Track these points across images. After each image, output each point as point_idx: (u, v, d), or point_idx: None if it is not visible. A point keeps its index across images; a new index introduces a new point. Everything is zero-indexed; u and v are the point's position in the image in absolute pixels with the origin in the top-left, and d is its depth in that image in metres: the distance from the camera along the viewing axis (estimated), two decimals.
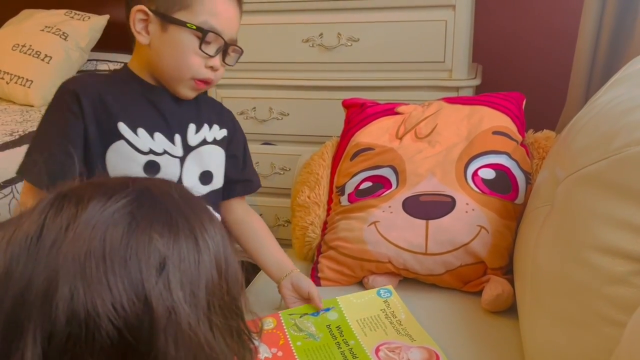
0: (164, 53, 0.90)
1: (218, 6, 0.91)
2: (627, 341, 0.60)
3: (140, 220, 0.40)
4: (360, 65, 1.49)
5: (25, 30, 1.91)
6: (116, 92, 0.91)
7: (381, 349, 0.88)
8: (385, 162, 1.17)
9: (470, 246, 1.03)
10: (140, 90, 0.94)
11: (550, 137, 1.21)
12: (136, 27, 0.90)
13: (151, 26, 0.89)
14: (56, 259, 0.38)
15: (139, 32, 0.90)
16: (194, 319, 0.39)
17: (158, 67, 0.92)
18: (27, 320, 0.37)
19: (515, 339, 0.91)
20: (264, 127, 1.61)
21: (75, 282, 0.37)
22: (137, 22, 0.90)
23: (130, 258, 0.38)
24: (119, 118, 0.89)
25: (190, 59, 0.90)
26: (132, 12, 0.89)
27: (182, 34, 0.89)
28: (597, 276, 0.68)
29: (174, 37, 0.89)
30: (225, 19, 0.92)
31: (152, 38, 0.90)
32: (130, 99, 0.92)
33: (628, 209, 0.67)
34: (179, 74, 0.91)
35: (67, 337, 0.37)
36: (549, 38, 1.67)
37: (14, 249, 0.39)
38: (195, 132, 0.98)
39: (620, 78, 0.96)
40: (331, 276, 1.11)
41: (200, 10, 0.89)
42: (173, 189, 0.45)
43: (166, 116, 0.94)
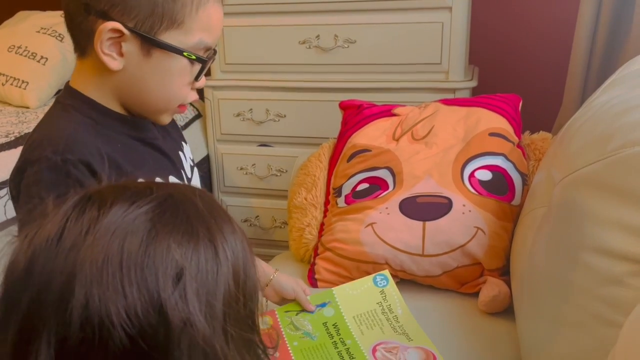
0: (147, 81, 0.72)
1: (212, 18, 0.73)
2: (623, 341, 0.60)
3: (160, 229, 0.40)
4: (357, 67, 1.49)
5: (21, 31, 1.91)
6: (114, 142, 0.74)
7: (378, 349, 0.88)
8: (382, 164, 1.17)
9: (467, 247, 1.03)
10: (126, 130, 0.76)
11: (546, 138, 1.21)
12: (103, 48, 0.69)
13: (126, 46, 0.69)
14: (74, 263, 0.38)
15: (108, 54, 0.69)
16: (210, 331, 0.39)
17: (135, 96, 0.74)
18: (42, 321, 0.37)
19: (512, 340, 0.91)
20: (261, 128, 1.61)
21: (92, 288, 0.37)
22: (105, 41, 0.68)
23: (147, 267, 0.38)
24: (137, 173, 0.74)
25: (182, 87, 0.74)
26: (100, 30, 0.68)
27: (172, 61, 0.71)
28: (593, 277, 0.68)
29: (161, 64, 0.71)
30: (218, 28, 0.75)
31: (129, 63, 0.70)
32: (129, 146, 0.76)
33: (624, 210, 0.67)
34: (166, 104, 0.75)
35: (80, 342, 0.37)
36: (545, 40, 1.68)
37: (35, 249, 0.39)
38: (185, 160, 0.86)
39: (616, 80, 0.96)
40: (328, 277, 1.11)
41: (194, 27, 0.71)
42: (197, 197, 0.44)
43: (168, 154, 0.81)
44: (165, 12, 0.69)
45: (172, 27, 0.70)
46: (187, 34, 0.71)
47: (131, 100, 0.75)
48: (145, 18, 0.68)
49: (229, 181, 1.70)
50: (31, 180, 0.68)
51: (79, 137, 0.71)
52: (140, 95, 0.74)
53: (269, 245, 1.67)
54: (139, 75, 0.72)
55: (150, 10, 0.68)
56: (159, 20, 0.69)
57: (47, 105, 1.80)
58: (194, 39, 0.71)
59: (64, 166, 0.67)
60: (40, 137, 0.72)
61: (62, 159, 0.67)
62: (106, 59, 0.70)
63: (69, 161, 0.68)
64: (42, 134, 0.73)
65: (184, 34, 0.70)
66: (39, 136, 0.73)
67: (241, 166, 1.66)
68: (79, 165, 0.68)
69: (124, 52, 0.70)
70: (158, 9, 0.69)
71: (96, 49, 0.69)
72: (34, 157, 0.69)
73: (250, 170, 1.66)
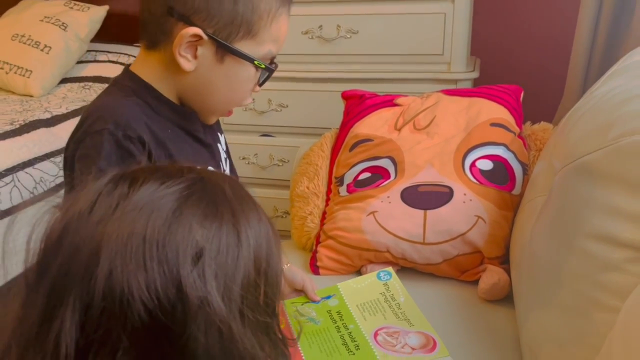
0: (215, 84, 0.75)
1: (282, 30, 0.77)
2: (621, 325, 0.61)
3: (185, 209, 0.41)
4: (359, 58, 1.49)
5: (25, 20, 1.91)
6: (164, 129, 0.77)
7: (380, 333, 0.89)
8: (383, 153, 1.18)
9: (468, 236, 1.05)
10: (176, 120, 0.79)
11: (547, 129, 1.22)
12: (180, 50, 0.72)
13: (202, 50, 0.73)
14: (101, 235, 0.39)
15: (184, 56, 0.72)
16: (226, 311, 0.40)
17: (199, 96, 0.77)
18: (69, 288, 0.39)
19: (512, 327, 0.92)
20: (263, 118, 1.62)
21: (115, 260, 0.38)
22: (185, 44, 0.72)
23: (169, 244, 0.39)
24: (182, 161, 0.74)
25: (245, 92, 0.78)
26: (182, 34, 0.71)
27: (242, 68, 0.75)
28: (592, 264, 0.69)
29: (232, 70, 0.75)
30: (284, 39, 0.79)
31: (201, 66, 0.74)
32: (177, 134, 0.78)
33: (623, 198, 0.68)
34: (225, 106, 0.80)
35: (101, 311, 0.38)
36: (547, 31, 1.68)
37: (67, 221, 0.41)
38: (220, 153, 0.88)
39: (618, 70, 0.97)
40: (330, 265, 1.12)
41: (266, 38, 0.74)
42: (226, 183, 0.45)
43: (210, 147, 0.84)
44: (243, 22, 0.73)
45: (247, 37, 0.73)
46: (259, 44, 0.74)
47: (193, 98, 0.78)
48: (224, 26, 0.72)
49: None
50: (91, 150, 0.70)
51: (138, 117, 0.73)
52: (204, 96, 0.77)
53: None
54: (209, 78, 0.75)
55: (231, 20, 0.72)
56: (236, 30, 0.72)
57: (51, 94, 1.81)
58: (265, 49, 0.75)
59: (124, 141, 0.70)
60: (101, 111, 0.74)
61: (123, 134, 0.70)
62: (181, 60, 0.73)
63: (129, 137, 0.70)
64: (103, 108, 0.75)
65: (257, 44, 0.74)
66: (99, 110, 0.75)
67: (243, 156, 1.67)
68: (137, 143, 0.71)
69: (199, 55, 0.73)
70: (237, 19, 0.72)
71: (174, 51, 0.72)
72: (95, 128, 0.71)
73: (252, 160, 1.67)
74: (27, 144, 1.41)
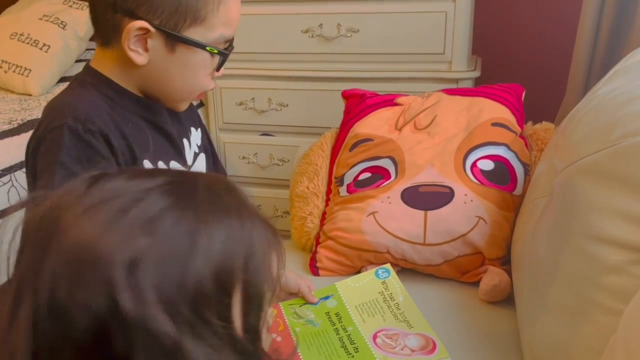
0: (171, 74, 0.76)
1: (232, 12, 0.76)
2: (623, 329, 0.60)
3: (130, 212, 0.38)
4: (359, 57, 1.49)
5: (24, 18, 1.90)
6: (126, 121, 0.76)
7: (379, 335, 0.89)
8: (384, 153, 1.17)
9: (469, 237, 1.04)
10: (139, 111, 0.78)
11: (549, 129, 1.21)
12: (130, 45, 0.72)
13: (152, 42, 0.73)
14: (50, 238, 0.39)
15: (134, 50, 0.73)
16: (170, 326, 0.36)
17: (158, 86, 0.77)
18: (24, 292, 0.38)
19: (513, 329, 0.92)
20: (263, 118, 1.61)
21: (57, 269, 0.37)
22: (132, 38, 0.72)
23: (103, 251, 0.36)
24: (143, 155, 0.76)
25: (203, 78, 0.78)
26: (129, 29, 0.71)
27: (195, 55, 0.74)
28: (594, 266, 0.69)
29: (185, 58, 0.74)
30: (236, 21, 0.78)
31: (153, 57, 0.74)
32: (138, 127, 0.78)
33: (626, 199, 0.67)
34: (187, 94, 0.79)
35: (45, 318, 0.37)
36: (549, 30, 1.67)
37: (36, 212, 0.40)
38: (189, 147, 0.87)
39: (620, 70, 0.96)
40: (330, 266, 1.12)
41: (216, 22, 0.74)
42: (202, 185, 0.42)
43: (174, 139, 0.83)
44: (188, 9, 0.72)
45: (195, 24, 0.73)
46: (209, 29, 0.74)
47: (153, 90, 0.78)
48: (170, 15, 0.72)
49: (231, 170, 1.71)
50: (52, 145, 0.70)
51: (98, 110, 0.74)
52: (163, 87, 0.77)
53: None
54: (164, 69, 0.75)
55: (175, 8, 0.72)
56: (182, 18, 0.72)
57: (50, 92, 1.81)
58: (216, 33, 0.75)
59: (85, 135, 0.70)
60: (61, 106, 0.75)
61: (83, 127, 0.70)
62: (132, 55, 0.73)
63: (90, 131, 0.70)
64: (62, 104, 0.76)
65: (207, 29, 0.74)
66: (59, 106, 0.75)
67: (243, 155, 1.66)
68: (98, 136, 0.71)
69: (149, 47, 0.73)
70: (182, 7, 0.72)
71: (123, 46, 0.72)
72: (55, 124, 0.71)
73: (252, 160, 1.66)
74: (25, 144, 1.40)
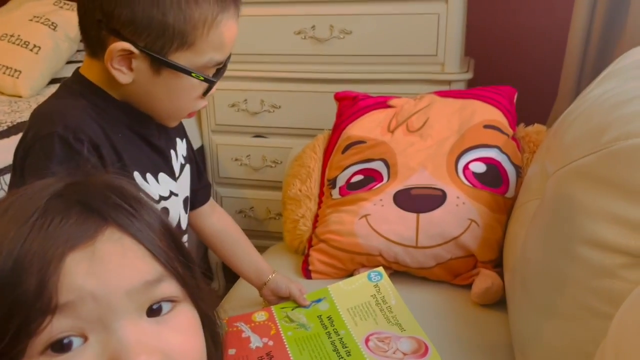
0: (156, 96, 0.74)
1: (224, 36, 0.72)
2: (614, 333, 0.60)
3: None
4: (352, 58, 1.48)
5: (14, 19, 1.89)
6: (116, 132, 0.74)
7: (371, 338, 0.88)
8: (376, 156, 1.17)
9: (461, 239, 1.04)
10: (128, 123, 0.77)
11: (541, 131, 1.21)
12: (113, 64, 0.70)
13: (136, 63, 0.70)
14: None
15: (118, 69, 0.70)
16: None
17: (144, 104, 0.76)
18: None
19: (504, 332, 0.92)
20: (256, 119, 1.60)
21: None
22: (116, 57, 0.69)
23: None
24: (133, 167, 0.75)
25: (191, 102, 0.76)
26: (111, 50, 0.69)
27: (181, 80, 0.72)
28: (586, 269, 0.69)
29: (170, 82, 0.72)
30: (230, 44, 0.74)
31: (138, 77, 0.72)
32: (128, 138, 0.76)
33: (617, 203, 0.67)
34: (175, 115, 0.78)
35: None
36: (541, 32, 1.68)
37: None
38: (176, 159, 0.86)
39: (611, 72, 0.96)
40: (322, 269, 1.11)
41: (205, 47, 0.71)
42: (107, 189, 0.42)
43: (163, 151, 0.82)
44: (176, 33, 0.69)
45: (183, 48, 0.70)
46: (197, 54, 0.71)
47: (140, 107, 0.76)
48: (156, 38, 0.69)
49: (224, 172, 1.70)
50: (41, 154, 0.68)
51: (88, 120, 0.72)
52: (149, 105, 0.76)
53: (263, 237, 1.66)
54: (149, 90, 0.73)
55: (162, 32, 0.69)
56: (169, 41, 0.69)
57: (40, 94, 1.79)
58: (205, 58, 0.72)
59: (75, 144, 0.68)
60: (50, 114, 0.72)
61: (74, 136, 0.68)
62: (115, 73, 0.71)
63: (80, 140, 0.68)
64: (51, 111, 0.73)
65: (195, 54, 0.71)
66: (48, 113, 0.73)
67: (236, 157, 1.65)
68: (88, 145, 0.69)
69: (134, 67, 0.71)
70: (169, 31, 0.69)
71: (106, 64, 0.70)
72: (44, 132, 0.69)
73: (244, 162, 1.65)
74: (14, 147, 1.39)
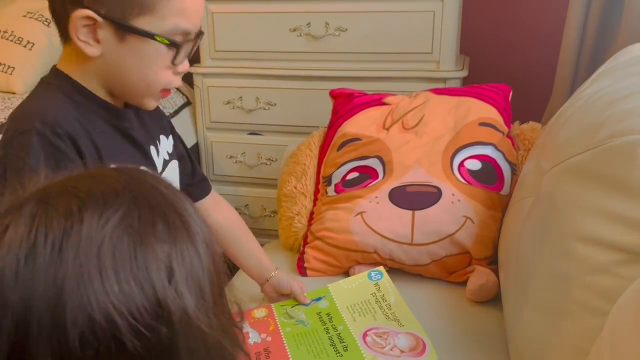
0: (126, 66, 0.73)
1: (186, 2, 0.73)
2: (609, 330, 0.61)
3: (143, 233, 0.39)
4: (348, 56, 1.48)
5: (7, 15, 1.87)
6: (94, 126, 0.75)
7: (369, 334, 0.89)
8: (372, 153, 1.17)
9: (456, 236, 1.04)
10: (105, 116, 0.77)
11: (536, 128, 1.21)
12: (79, 36, 0.70)
13: (101, 33, 0.70)
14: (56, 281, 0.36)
15: (85, 41, 0.70)
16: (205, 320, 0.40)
17: (116, 81, 0.75)
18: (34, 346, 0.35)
19: (499, 329, 0.92)
20: (251, 117, 1.60)
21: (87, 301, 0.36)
22: (80, 28, 0.70)
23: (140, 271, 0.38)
24: (110, 160, 0.74)
25: (160, 73, 0.75)
26: (72, 18, 0.69)
27: (147, 46, 0.72)
28: (581, 266, 0.69)
29: (137, 49, 0.72)
30: (195, 12, 0.74)
31: (106, 49, 0.71)
32: (106, 132, 0.77)
33: (611, 200, 0.67)
34: (146, 89, 0.76)
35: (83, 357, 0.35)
36: (536, 31, 1.68)
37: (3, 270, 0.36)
38: (157, 155, 0.86)
39: (606, 70, 0.96)
40: (317, 266, 1.11)
41: (167, 12, 0.71)
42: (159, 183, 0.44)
43: (141, 145, 0.82)
44: None
45: (144, 13, 0.70)
46: (160, 19, 0.71)
47: (113, 85, 0.76)
48: (116, 4, 0.69)
49: (219, 169, 1.69)
50: (19, 149, 0.69)
51: (66, 114, 0.72)
52: (120, 80, 0.75)
53: (258, 234, 1.64)
54: (117, 60, 0.73)
55: None
56: (130, 7, 0.70)
57: None
58: (168, 23, 0.72)
59: (54, 139, 0.69)
60: (28, 110, 0.74)
61: (51, 131, 0.69)
62: (82, 45, 0.71)
63: (58, 135, 0.69)
64: (29, 107, 0.74)
65: (157, 19, 0.71)
66: (26, 109, 0.74)
67: (231, 154, 1.65)
68: (66, 140, 0.70)
69: (100, 38, 0.71)
70: None
71: (72, 36, 0.70)
72: (22, 128, 0.70)
73: (240, 159, 1.65)
74: None
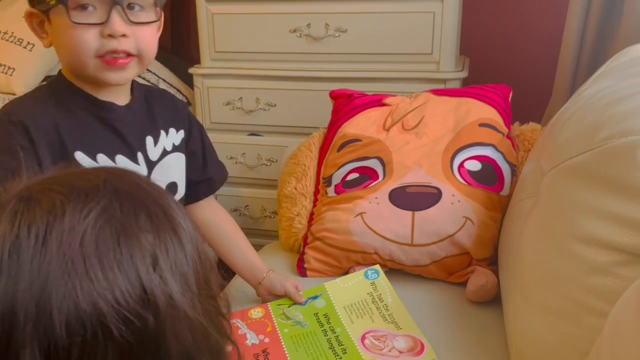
0: (59, 44, 0.80)
1: None
2: (609, 331, 0.61)
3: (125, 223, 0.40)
4: (348, 56, 1.48)
5: (7, 17, 1.88)
6: (68, 116, 0.82)
7: (367, 336, 0.88)
8: (372, 154, 1.17)
9: (456, 237, 1.04)
10: (89, 107, 0.84)
11: (536, 129, 1.21)
12: (39, 33, 0.81)
13: (46, 25, 0.80)
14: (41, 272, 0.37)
15: (41, 37, 0.82)
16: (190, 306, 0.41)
17: (68, 65, 0.83)
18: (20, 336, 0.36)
19: (499, 330, 0.92)
20: (251, 117, 1.60)
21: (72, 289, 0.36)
22: (36, 25, 0.81)
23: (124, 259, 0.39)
24: (76, 147, 0.81)
25: (78, 36, 0.77)
26: (26, 18, 0.81)
27: (59, 17, 0.78)
28: (581, 267, 0.69)
29: (55, 24, 0.79)
30: None
31: (51, 34, 0.81)
32: (83, 122, 0.83)
33: (612, 201, 0.67)
34: (79, 57, 0.79)
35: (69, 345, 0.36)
36: (536, 31, 1.68)
37: None
38: (154, 145, 0.90)
39: (606, 71, 0.96)
40: (317, 267, 1.11)
41: None
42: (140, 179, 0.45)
43: (124, 134, 0.86)
44: None
45: None
46: None
47: (71, 69, 0.83)
48: None
49: None
50: None
51: (33, 108, 0.81)
52: (66, 62, 0.82)
53: (258, 235, 1.66)
54: (55, 42, 0.81)
55: None
56: None
57: None
58: None
59: (8, 125, 0.78)
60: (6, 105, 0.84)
61: (8, 119, 0.78)
62: (41, 40, 0.81)
63: (12, 122, 0.78)
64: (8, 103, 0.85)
65: None
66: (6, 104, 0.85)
67: (231, 155, 1.65)
68: (18, 125, 0.78)
69: (46, 29, 0.80)
70: None
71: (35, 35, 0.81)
72: None
73: (240, 160, 1.65)
74: None
